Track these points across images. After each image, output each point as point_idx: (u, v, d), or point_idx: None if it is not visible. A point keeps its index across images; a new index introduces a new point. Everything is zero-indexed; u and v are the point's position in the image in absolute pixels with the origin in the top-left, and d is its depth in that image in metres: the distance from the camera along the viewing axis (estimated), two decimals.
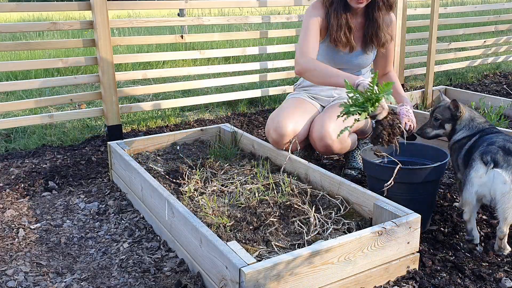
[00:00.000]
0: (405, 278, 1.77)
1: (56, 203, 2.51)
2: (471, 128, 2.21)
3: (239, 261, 1.47)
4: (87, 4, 3.13)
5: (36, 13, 13.14)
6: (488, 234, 2.08)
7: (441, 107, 2.34)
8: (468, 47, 6.11)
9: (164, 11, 13.28)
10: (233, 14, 10.90)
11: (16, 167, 2.94)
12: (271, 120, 2.54)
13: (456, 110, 2.25)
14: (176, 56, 3.70)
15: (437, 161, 2.12)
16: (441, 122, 2.31)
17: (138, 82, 5.19)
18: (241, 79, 3.96)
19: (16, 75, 5.37)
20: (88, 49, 6.65)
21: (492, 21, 6.47)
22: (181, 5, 3.81)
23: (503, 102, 3.63)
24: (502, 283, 1.73)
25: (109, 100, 3.25)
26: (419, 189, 2.03)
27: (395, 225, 1.70)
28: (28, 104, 3.26)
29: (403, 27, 4.25)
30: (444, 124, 2.30)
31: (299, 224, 1.91)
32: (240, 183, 2.28)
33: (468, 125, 2.23)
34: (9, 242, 2.10)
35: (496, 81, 5.33)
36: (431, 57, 4.10)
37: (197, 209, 2.06)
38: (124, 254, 2.00)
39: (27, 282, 1.81)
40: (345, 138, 2.42)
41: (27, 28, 3.23)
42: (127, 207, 2.42)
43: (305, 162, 2.33)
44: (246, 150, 2.77)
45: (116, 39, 3.29)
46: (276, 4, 4.13)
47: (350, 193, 2.04)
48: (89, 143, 3.43)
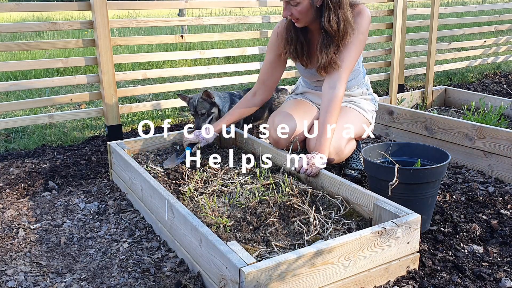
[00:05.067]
0: (405, 278, 1.77)
1: (56, 203, 2.51)
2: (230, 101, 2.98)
3: (239, 261, 1.47)
4: (87, 4, 3.13)
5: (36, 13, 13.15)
6: (488, 234, 2.08)
7: (198, 103, 2.83)
8: (468, 47, 6.12)
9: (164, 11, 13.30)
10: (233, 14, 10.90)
11: (16, 167, 2.94)
12: (271, 120, 2.54)
13: (210, 98, 2.83)
14: (176, 56, 3.70)
15: (438, 161, 2.12)
16: (207, 113, 2.86)
17: (138, 82, 5.19)
18: (241, 79, 3.96)
19: (16, 75, 5.38)
20: (88, 49, 6.66)
21: (492, 21, 6.48)
22: (181, 5, 3.80)
23: (503, 102, 3.64)
24: (502, 283, 1.73)
25: (109, 100, 3.25)
26: (419, 189, 2.03)
27: (395, 225, 1.70)
28: (28, 104, 3.26)
29: (403, 27, 4.25)
30: (210, 112, 2.87)
31: (299, 224, 1.91)
32: (240, 183, 2.28)
33: (226, 101, 2.98)
34: (9, 242, 2.10)
35: (496, 81, 5.33)
36: (431, 57, 4.10)
37: (197, 209, 2.06)
38: (124, 254, 2.00)
39: (27, 282, 1.81)
40: (341, 149, 2.39)
41: (27, 28, 3.23)
42: (127, 207, 2.42)
43: None
44: (246, 150, 2.77)
45: (116, 39, 3.29)
46: (276, 4, 4.13)
47: (350, 193, 2.04)
48: (89, 143, 3.43)
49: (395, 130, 3.41)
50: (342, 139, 2.39)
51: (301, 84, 2.76)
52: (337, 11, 2.21)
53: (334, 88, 2.28)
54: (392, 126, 3.42)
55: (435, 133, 3.09)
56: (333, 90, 2.27)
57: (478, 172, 2.80)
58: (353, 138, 2.53)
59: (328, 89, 2.30)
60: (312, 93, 2.67)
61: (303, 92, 2.73)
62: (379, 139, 3.45)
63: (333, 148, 2.33)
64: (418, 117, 3.21)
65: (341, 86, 2.28)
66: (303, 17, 2.24)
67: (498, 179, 2.71)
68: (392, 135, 3.43)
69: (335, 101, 2.26)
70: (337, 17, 2.21)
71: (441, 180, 2.21)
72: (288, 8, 2.23)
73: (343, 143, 2.39)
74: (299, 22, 2.28)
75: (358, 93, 2.62)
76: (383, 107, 3.46)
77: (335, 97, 2.26)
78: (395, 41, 4.19)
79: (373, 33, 5.06)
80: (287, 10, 2.23)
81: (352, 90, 2.59)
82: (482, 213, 2.27)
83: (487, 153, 2.77)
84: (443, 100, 4.21)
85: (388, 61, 4.63)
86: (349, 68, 2.32)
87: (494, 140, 2.72)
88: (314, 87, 2.65)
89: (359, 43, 2.32)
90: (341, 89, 2.28)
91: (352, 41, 2.30)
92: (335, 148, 2.34)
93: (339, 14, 2.21)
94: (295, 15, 2.23)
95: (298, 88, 2.78)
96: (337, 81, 2.29)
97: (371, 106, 2.64)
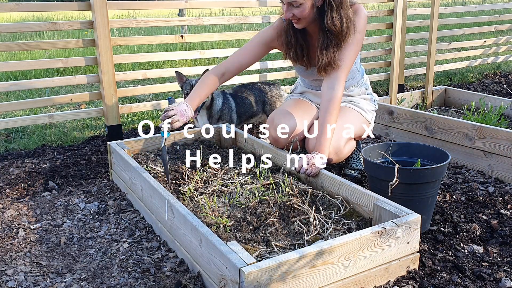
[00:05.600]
0: (405, 278, 1.77)
1: (56, 203, 2.51)
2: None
3: (239, 261, 1.47)
4: (87, 4, 3.13)
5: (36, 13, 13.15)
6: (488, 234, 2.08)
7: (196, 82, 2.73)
8: (468, 47, 6.12)
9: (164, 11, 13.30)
10: (233, 14, 10.90)
11: (16, 167, 2.94)
12: (270, 120, 2.54)
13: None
14: (176, 56, 3.70)
15: (438, 161, 2.12)
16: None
17: (138, 82, 5.19)
18: (240, 79, 3.96)
19: (16, 75, 5.38)
20: (88, 49, 6.65)
21: (492, 21, 6.48)
22: (181, 5, 3.80)
23: (503, 102, 3.64)
24: (502, 283, 1.73)
25: (109, 100, 3.25)
26: (419, 189, 2.03)
27: (395, 225, 1.70)
28: (28, 104, 3.26)
29: (403, 27, 4.26)
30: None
31: (299, 224, 1.91)
32: (240, 183, 2.28)
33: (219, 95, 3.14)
34: (9, 242, 2.10)
35: (496, 81, 5.33)
36: (431, 57, 4.10)
37: (197, 209, 2.06)
38: (124, 254, 2.00)
39: (27, 282, 1.81)
40: (340, 148, 2.39)
41: (27, 28, 3.23)
42: (127, 207, 2.42)
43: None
44: (246, 150, 2.77)
45: (116, 39, 3.29)
46: (276, 4, 4.13)
47: (350, 193, 2.04)
48: (89, 143, 3.43)
49: (395, 130, 3.41)
50: (341, 139, 2.39)
51: (300, 83, 2.76)
52: (339, 10, 2.21)
53: (333, 88, 2.28)
54: (392, 126, 3.42)
55: (435, 133, 3.09)
56: (332, 91, 2.28)
57: (478, 172, 2.80)
58: (353, 138, 2.53)
59: (327, 90, 2.30)
60: (311, 92, 2.67)
61: (302, 92, 2.73)
62: (379, 139, 3.45)
63: (333, 148, 2.33)
64: (418, 117, 3.21)
65: (339, 86, 2.28)
66: (304, 18, 2.24)
67: (498, 179, 2.71)
68: (392, 135, 3.43)
69: (334, 101, 2.26)
70: (339, 16, 2.21)
71: (441, 180, 2.21)
72: (290, 9, 2.22)
73: (343, 143, 2.39)
74: (300, 23, 2.27)
75: (357, 93, 2.62)
76: (383, 107, 3.47)
77: (334, 97, 2.27)
78: (395, 41, 4.19)
79: (373, 33, 5.06)
80: (289, 11, 2.22)
81: (350, 90, 2.59)
82: (482, 213, 2.27)
83: (487, 153, 2.77)
84: (443, 100, 4.21)
85: (388, 61, 4.63)
86: (347, 68, 2.32)
87: (494, 140, 2.72)
88: (312, 87, 2.65)
89: (357, 42, 2.32)
90: (339, 89, 2.28)
91: (351, 41, 2.30)
92: (334, 148, 2.34)
93: (341, 13, 2.21)
94: (297, 16, 2.23)
95: (297, 88, 2.78)
96: (336, 81, 2.29)
97: (371, 106, 2.64)
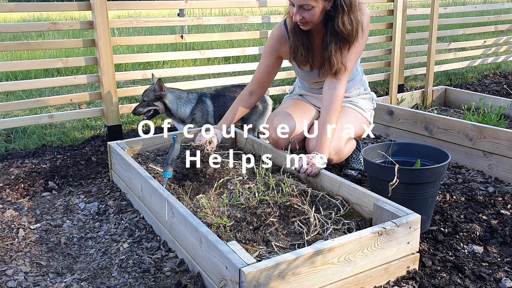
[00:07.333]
0: (405, 278, 1.77)
1: (56, 203, 2.51)
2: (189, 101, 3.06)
3: (239, 261, 1.47)
4: (87, 4, 3.13)
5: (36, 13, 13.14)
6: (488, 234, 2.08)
7: (147, 90, 2.95)
8: (468, 47, 6.11)
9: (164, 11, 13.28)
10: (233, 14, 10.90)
11: (16, 167, 2.93)
12: (270, 120, 2.54)
13: (161, 90, 2.93)
14: (176, 56, 3.70)
15: (438, 161, 2.12)
16: (148, 103, 2.96)
17: (138, 82, 5.18)
18: (241, 79, 3.96)
19: (16, 75, 5.38)
20: (88, 49, 6.65)
21: (492, 21, 6.47)
22: (181, 5, 3.81)
23: (503, 102, 3.63)
24: (502, 283, 1.73)
25: (109, 100, 3.25)
26: (419, 190, 2.03)
27: (395, 225, 1.70)
28: (28, 104, 3.26)
29: (403, 27, 4.26)
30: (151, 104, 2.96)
31: (299, 224, 1.91)
32: (240, 183, 2.28)
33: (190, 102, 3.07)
34: (9, 242, 2.10)
35: (496, 81, 5.33)
36: (431, 57, 4.10)
37: (197, 209, 2.05)
38: (124, 254, 1.99)
39: (27, 282, 1.81)
40: (341, 148, 2.39)
41: (27, 28, 3.23)
42: (127, 207, 2.42)
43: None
44: (246, 150, 2.77)
45: (116, 39, 3.29)
46: (276, 4, 4.13)
47: (350, 193, 2.04)
48: (89, 143, 3.43)
49: (395, 130, 3.41)
50: (341, 139, 2.39)
51: (298, 85, 2.76)
52: (350, 14, 2.19)
53: (335, 88, 2.28)
54: (392, 126, 3.42)
55: (435, 133, 3.09)
56: (334, 91, 2.28)
57: (478, 172, 2.80)
58: (353, 138, 2.53)
59: (329, 90, 2.30)
60: (309, 95, 2.67)
61: (300, 94, 2.73)
62: (379, 139, 3.45)
63: (333, 148, 2.33)
64: (418, 117, 3.21)
65: (341, 87, 2.28)
66: (313, 20, 2.21)
67: (498, 179, 2.71)
68: (392, 135, 3.43)
69: (335, 101, 2.26)
70: (350, 20, 2.20)
71: (441, 180, 2.21)
72: (300, 12, 2.18)
73: (343, 143, 2.39)
74: (307, 26, 2.25)
75: (355, 94, 2.62)
76: (383, 107, 3.46)
77: (336, 97, 2.26)
78: (395, 41, 4.19)
79: (373, 33, 5.06)
80: (298, 14, 2.19)
81: (349, 91, 2.60)
82: (482, 213, 2.27)
83: (487, 153, 2.77)
84: (443, 100, 4.21)
85: (388, 61, 4.63)
86: (350, 69, 2.33)
87: (494, 140, 2.72)
88: (310, 89, 2.64)
89: (359, 44, 2.32)
90: (341, 89, 2.28)
91: (358, 42, 2.30)
92: (334, 148, 2.34)
93: (351, 16, 2.20)
94: (306, 19, 2.19)
95: (295, 90, 2.78)
96: (338, 81, 2.29)
97: (369, 104, 2.64)
